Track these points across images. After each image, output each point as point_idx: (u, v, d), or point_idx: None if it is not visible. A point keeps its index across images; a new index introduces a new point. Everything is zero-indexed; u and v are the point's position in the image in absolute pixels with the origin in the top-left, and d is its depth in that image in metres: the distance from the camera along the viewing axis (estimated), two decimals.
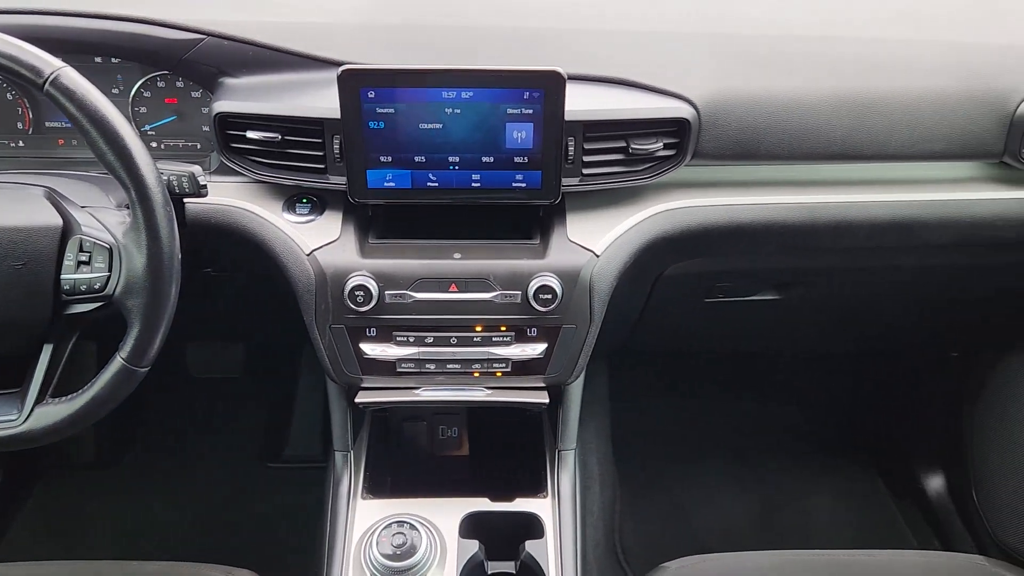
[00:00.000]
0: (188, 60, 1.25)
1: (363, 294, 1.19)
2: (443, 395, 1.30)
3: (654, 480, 2.18)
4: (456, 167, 1.20)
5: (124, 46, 1.25)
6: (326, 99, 1.16)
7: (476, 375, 1.29)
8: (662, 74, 1.25)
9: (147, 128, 1.35)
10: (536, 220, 1.30)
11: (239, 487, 2.15)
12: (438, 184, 1.21)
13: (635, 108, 1.22)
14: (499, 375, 1.29)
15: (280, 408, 2.31)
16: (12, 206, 1.06)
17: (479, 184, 1.21)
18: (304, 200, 1.28)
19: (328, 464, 1.43)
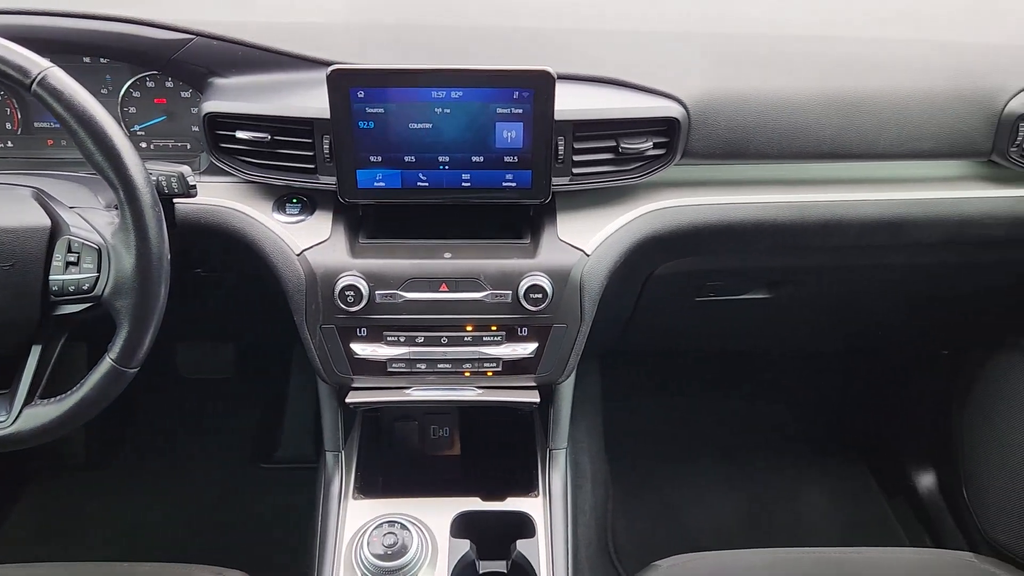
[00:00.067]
0: (177, 60, 1.25)
1: (353, 294, 1.19)
2: (434, 395, 1.30)
3: (646, 479, 2.19)
4: (446, 167, 1.20)
5: (112, 46, 1.25)
6: (316, 99, 1.16)
7: (467, 375, 1.29)
8: (652, 73, 1.25)
9: (136, 128, 1.35)
10: (527, 220, 1.30)
11: (231, 488, 2.14)
12: (428, 184, 1.21)
13: (625, 108, 1.23)
14: (490, 375, 1.29)
15: (271, 408, 2.31)
16: (0, 207, 1.05)
17: (469, 184, 1.21)
18: (294, 200, 1.28)
19: (319, 464, 1.43)
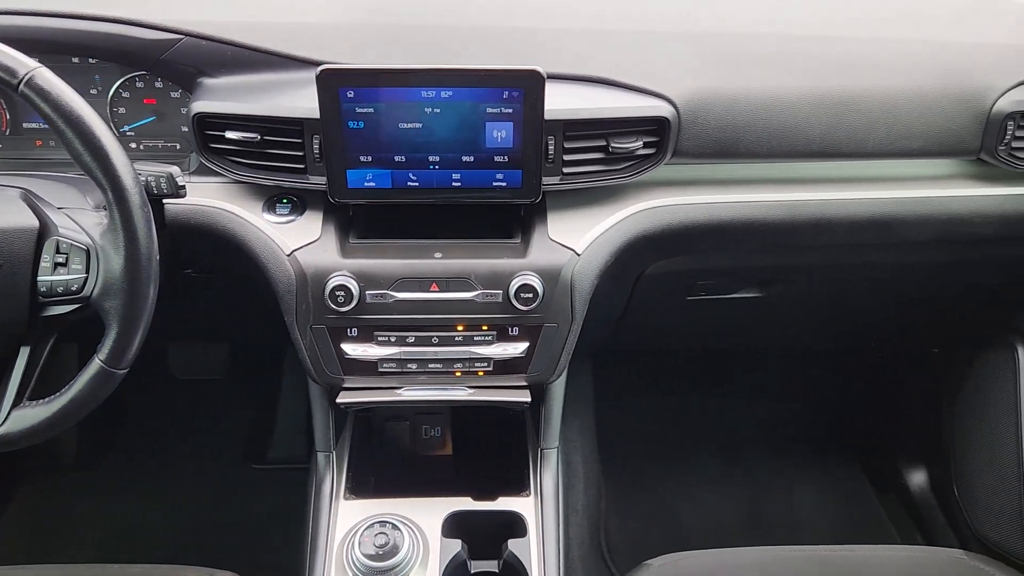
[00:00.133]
0: (166, 60, 1.25)
1: (344, 294, 1.19)
2: (425, 395, 1.30)
3: (639, 478, 2.19)
4: (436, 167, 1.20)
5: (101, 46, 1.25)
6: (305, 99, 1.16)
7: (458, 374, 1.28)
8: (642, 73, 1.25)
9: (126, 129, 1.34)
10: (517, 219, 1.30)
11: (223, 488, 2.14)
12: (419, 184, 1.21)
13: (615, 107, 1.23)
14: (481, 374, 1.29)
15: (264, 409, 2.30)
16: None
17: (460, 183, 1.21)
18: (284, 200, 1.28)
19: (311, 465, 1.43)
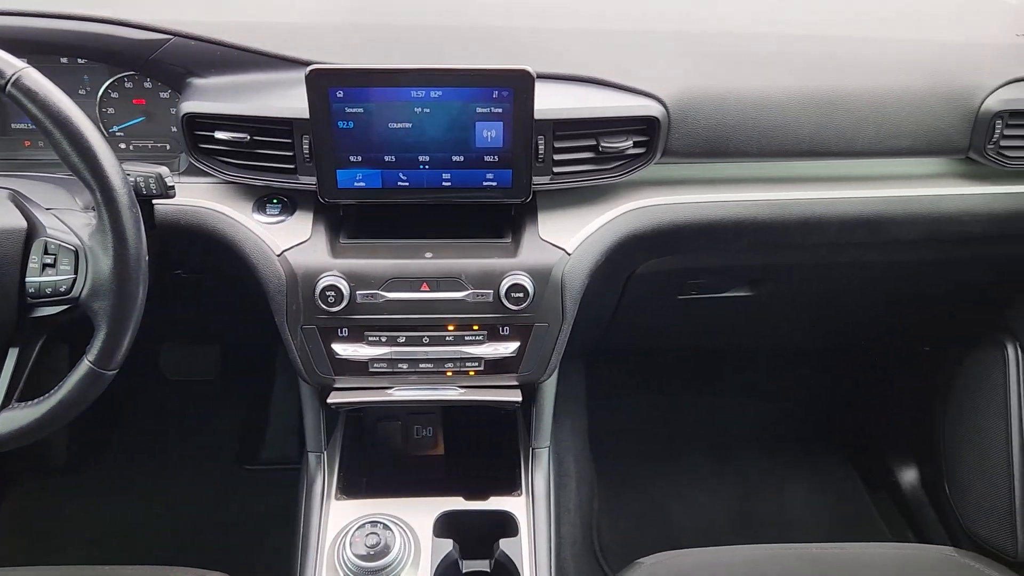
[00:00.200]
0: (155, 60, 1.24)
1: (334, 294, 1.19)
2: (416, 395, 1.30)
3: (631, 477, 2.19)
4: (426, 166, 1.20)
5: (89, 47, 1.24)
6: (295, 99, 1.16)
7: (449, 374, 1.29)
8: (631, 73, 1.26)
9: (115, 129, 1.34)
10: (508, 219, 1.30)
11: (215, 489, 2.13)
12: (409, 184, 1.21)
13: (605, 107, 1.23)
14: (472, 374, 1.29)
15: (256, 410, 2.30)
16: None
17: (450, 183, 1.21)
18: (274, 200, 1.27)
19: (302, 465, 1.43)
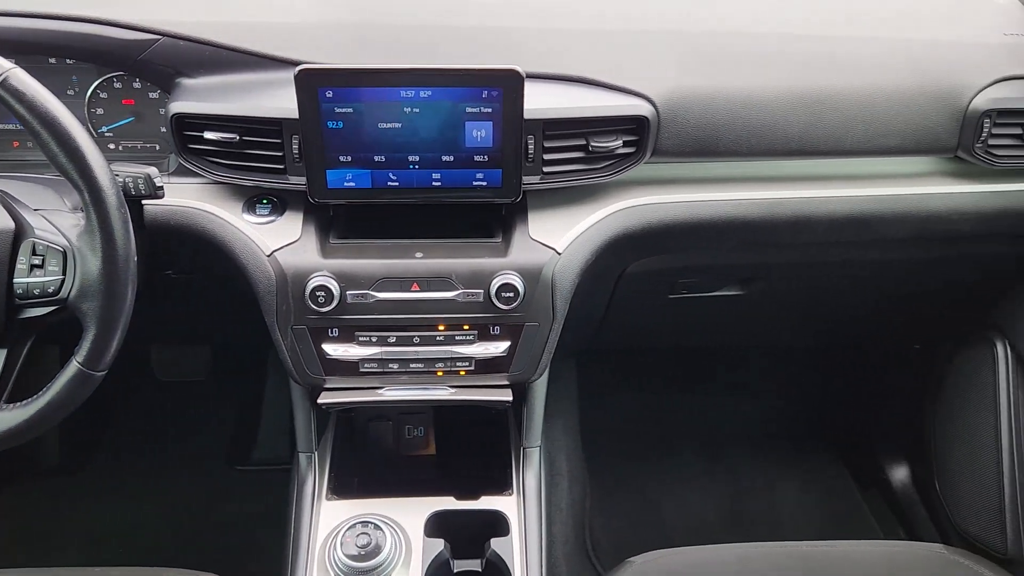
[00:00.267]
0: (144, 61, 1.24)
1: (324, 294, 1.19)
2: (406, 395, 1.30)
3: (624, 476, 2.20)
4: (416, 166, 1.19)
5: (78, 47, 1.24)
6: (284, 99, 1.16)
7: (440, 374, 1.29)
8: (621, 72, 1.26)
9: (104, 130, 1.34)
10: (498, 219, 1.30)
11: (207, 490, 2.13)
12: (399, 184, 1.21)
13: (594, 106, 1.23)
14: (463, 374, 1.29)
15: (248, 410, 2.30)
16: None
17: (440, 183, 1.21)
18: (264, 201, 1.27)
19: (293, 466, 1.43)
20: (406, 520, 1.29)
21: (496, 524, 1.32)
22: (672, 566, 1.32)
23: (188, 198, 1.27)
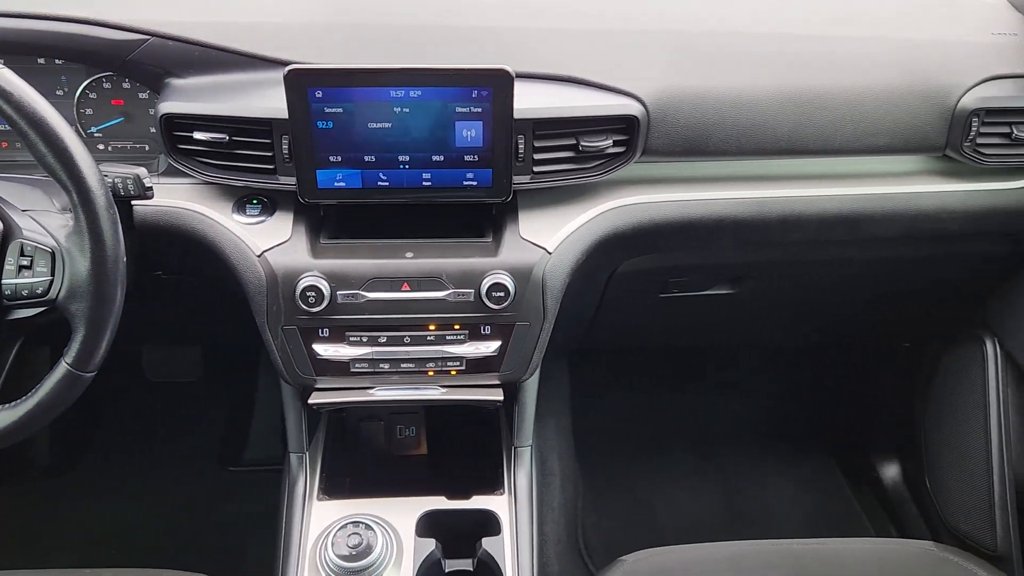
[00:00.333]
0: (133, 61, 1.23)
1: (315, 295, 1.19)
2: (397, 395, 1.30)
3: (616, 475, 2.20)
4: (406, 166, 1.19)
5: (66, 47, 1.23)
6: (274, 99, 1.15)
7: (431, 374, 1.29)
8: (611, 72, 1.26)
9: (94, 130, 1.33)
10: (489, 218, 1.30)
11: (199, 491, 2.13)
12: (389, 183, 1.21)
13: (584, 106, 1.23)
14: (454, 373, 1.29)
15: (239, 411, 2.29)
16: None
17: (430, 183, 1.21)
18: (254, 201, 1.27)
19: (284, 466, 1.42)
20: (397, 520, 1.29)
21: (487, 524, 1.33)
22: (664, 564, 1.32)
23: (178, 198, 1.26)
